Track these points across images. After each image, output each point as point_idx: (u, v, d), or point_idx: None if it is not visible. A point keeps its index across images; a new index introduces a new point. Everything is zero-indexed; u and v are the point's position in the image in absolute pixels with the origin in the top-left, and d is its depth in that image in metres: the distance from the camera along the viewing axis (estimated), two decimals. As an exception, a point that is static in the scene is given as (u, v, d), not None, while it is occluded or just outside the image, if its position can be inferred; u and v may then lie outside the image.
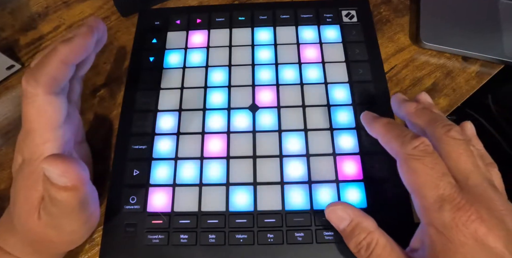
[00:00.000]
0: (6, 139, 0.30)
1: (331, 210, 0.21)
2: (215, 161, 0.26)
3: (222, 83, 0.29)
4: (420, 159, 0.19)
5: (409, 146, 0.19)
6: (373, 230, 0.19)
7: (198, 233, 0.24)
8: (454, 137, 0.19)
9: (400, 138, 0.20)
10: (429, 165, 0.18)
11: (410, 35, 0.33)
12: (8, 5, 0.37)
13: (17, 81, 0.33)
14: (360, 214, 0.20)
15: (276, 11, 0.32)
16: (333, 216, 0.21)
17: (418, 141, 0.19)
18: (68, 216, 0.20)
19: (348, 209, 0.20)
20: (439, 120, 0.21)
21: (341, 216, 0.20)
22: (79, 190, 0.19)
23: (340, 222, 0.20)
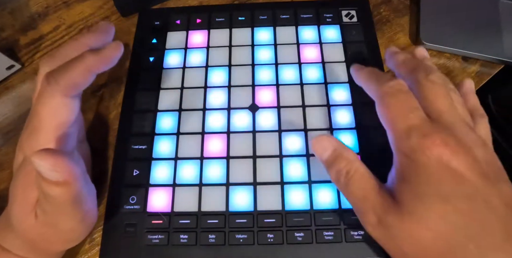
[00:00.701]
0: (6, 139, 0.30)
1: (316, 140, 0.21)
2: (215, 161, 0.26)
3: (222, 83, 0.29)
4: (394, 95, 0.20)
5: (386, 85, 0.21)
6: (353, 160, 0.20)
7: (198, 233, 0.24)
8: (432, 81, 0.20)
9: (379, 80, 0.21)
10: (401, 100, 0.20)
11: (410, 35, 0.33)
12: (8, 5, 0.37)
13: (17, 81, 0.33)
14: (344, 146, 0.21)
15: (276, 11, 0.32)
16: (317, 145, 0.21)
17: (394, 81, 0.21)
18: (62, 213, 0.20)
19: (333, 140, 0.21)
20: (422, 67, 0.22)
21: (325, 146, 0.21)
22: (71, 185, 0.18)
23: (323, 151, 0.21)
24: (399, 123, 0.19)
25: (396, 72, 0.24)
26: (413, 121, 0.19)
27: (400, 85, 0.20)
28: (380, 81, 0.21)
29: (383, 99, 0.21)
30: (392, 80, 0.21)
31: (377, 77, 0.22)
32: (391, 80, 0.21)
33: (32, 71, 0.33)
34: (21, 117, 0.31)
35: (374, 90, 0.22)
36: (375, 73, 0.23)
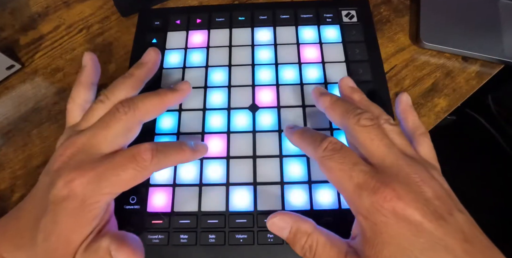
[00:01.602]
0: (6, 139, 0.30)
1: (271, 223, 0.21)
2: (215, 161, 0.26)
3: (222, 83, 0.29)
4: (331, 157, 0.20)
5: (319, 149, 0.21)
6: (311, 231, 0.20)
7: (198, 233, 0.24)
8: (363, 125, 0.21)
9: (312, 144, 0.22)
10: (339, 161, 0.20)
11: (410, 35, 0.33)
12: (8, 5, 0.37)
13: (17, 81, 0.33)
14: (298, 219, 0.21)
15: (276, 11, 0.32)
16: (274, 228, 0.21)
17: (325, 142, 0.21)
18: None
19: (286, 217, 0.21)
20: (350, 111, 0.22)
21: (281, 226, 0.21)
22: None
23: (282, 231, 0.21)
24: (346, 185, 0.19)
25: (327, 116, 0.24)
26: (357, 180, 0.19)
27: (332, 144, 0.20)
28: (313, 145, 0.21)
29: (323, 164, 0.21)
30: (324, 141, 0.21)
31: (310, 141, 0.22)
32: (323, 141, 0.21)
33: (32, 71, 0.33)
34: (21, 117, 0.31)
35: (313, 156, 0.22)
36: (307, 135, 0.23)
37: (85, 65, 0.25)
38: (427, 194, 0.18)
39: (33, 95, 0.32)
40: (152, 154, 0.21)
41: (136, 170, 0.20)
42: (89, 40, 0.34)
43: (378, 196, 0.18)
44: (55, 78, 0.33)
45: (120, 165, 0.20)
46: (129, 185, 0.21)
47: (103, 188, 0.20)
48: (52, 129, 0.30)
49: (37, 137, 0.30)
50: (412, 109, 0.25)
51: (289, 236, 0.20)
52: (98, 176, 0.20)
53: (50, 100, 0.32)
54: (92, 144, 0.21)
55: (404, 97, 0.25)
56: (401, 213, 0.17)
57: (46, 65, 0.33)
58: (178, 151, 0.22)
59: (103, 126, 0.22)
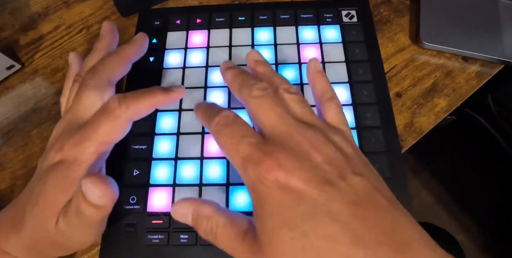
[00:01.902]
0: (6, 139, 0.30)
1: (173, 212, 0.20)
2: (215, 161, 0.26)
3: (222, 83, 0.29)
4: (221, 131, 0.20)
5: (212, 123, 0.20)
6: (211, 214, 0.19)
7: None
8: (255, 96, 0.20)
9: (207, 119, 0.21)
10: (227, 134, 0.19)
11: (410, 35, 0.33)
12: (8, 5, 0.37)
13: (17, 81, 0.33)
14: (199, 203, 0.20)
15: (276, 11, 0.32)
16: (177, 215, 0.20)
17: (218, 116, 0.20)
18: (85, 229, 0.21)
19: (186, 203, 0.20)
20: (244, 83, 0.21)
21: (183, 213, 0.20)
22: (107, 209, 0.20)
23: (185, 218, 0.20)
24: (234, 159, 0.19)
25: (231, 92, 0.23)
26: (243, 153, 0.18)
27: (224, 118, 0.20)
28: (208, 121, 0.21)
29: (215, 139, 0.20)
30: (217, 116, 0.20)
31: (206, 116, 0.22)
32: (216, 116, 0.20)
33: (32, 71, 0.33)
34: (21, 117, 0.31)
35: (209, 131, 0.21)
36: (204, 110, 0.22)
37: (71, 63, 0.27)
38: (316, 160, 0.17)
39: (33, 95, 0.32)
40: (119, 101, 0.21)
41: (109, 120, 0.21)
42: (89, 40, 0.34)
43: (261, 168, 0.17)
44: (55, 78, 0.33)
45: (95, 121, 0.21)
46: (110, 139, 0.22)
47: (87, 147, 0.21)
48: (52, 129, 0.30)
49: (37, 137, 0.30)
50: (321, 74, 0.23)
51: (192, 222, 0.20)
52: (81, 137, 0.21)
53: (50, 100, 0.32)
54: (76, 116, 0.23)
55: (311, 63, 0.24)
56: (283, 182, 0.17)
57: (46, 65, 0.33)
58: (148, 93, 0.23)
59: (78, 98, 0.23)
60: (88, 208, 0.19)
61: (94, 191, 0.19)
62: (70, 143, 0.21)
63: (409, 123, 0.29)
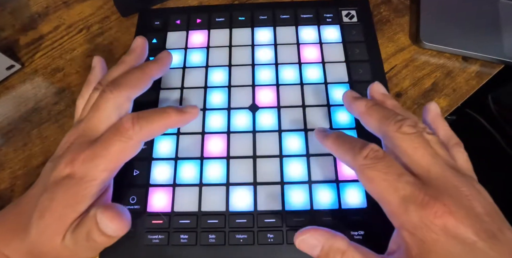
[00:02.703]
0: (6, 139, 0.30)
1: (300, 241, 0.20)
2: (215, 161, 0.26)
3: (222, 83, 0.29)
4: (373, 166, 0.19)
5: (359, 157, 0.19)
6: (345, 249, 0.19)
7: (198, 233, 0.24)
8: (406, 132, 0.19)
9: (350, 151, 0.20)
10: (382, 170, 0.18)
11: (410, 35, 0.33)
12: (8, 5, 0.37)
13: (17, 81, 0.33)
14: (330, 236, 0.19)
15: (276, 11, 0.32)
16: (303, 246, 0.20)
17: (366, 149, 0.19)
18: (91, 250, 0.21)
19: (317, 235, 0.19)
20: (390, 117, 0.21)
21: (312, 244, 0.19)
22: (116, 239, 0.20)
23: (312, 250, 0.19)
24: (390, 197, 0.18)
25: (363, 122, 0.23)
26: (403, 192, 0.17)
27: (374, 152, 0.19)
28: (352, 153, 0.20)
29: (363, 174, 0.19)
30: (365, 149, 0.19)
31: (348, 147, 0.21)
32: (363, 148, 0.19)
33: (32, 71, 0.33)
34: (21, 117, 0.31)
35: (350, 163, 0.21)
36: (343, 141, 0.21)
37: (94, 66, 0.27)
38: (477, 209, 0.17)
39: (33, 95, 0.32)
40: (133, 122, 0.21)
41: (121, 141, 0.21)
42: (89, 40, 0.34)
43: (428, 211, 0.17)
44: (55, 78, 0.33)
45: (108, 139, 0.21)
46: (121, 159, 0.21)
47: (98, 164, 0.20)
48: (52, 129, 0.30)
49: (37, 137, 0.30)
50: (441, 118, 0.23)
51: (321, 254, 0.19)
52: (92, 154, 0.21)
53: (50, 100, 0.32)
54: (89, 127, 0.22)
55: (432, 106, 0.23)
56: (453, 230, 0.16)
57: (46, 65, 0.33)
58: (162, 114, 0.22)
59: (95, 109, 0.23)
60: (99, 236, 0.19)
61: (109, 225, 0.19)
62: (81, 158, 0.21)
63: (409, 123, 0.29)
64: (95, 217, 0.19)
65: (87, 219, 0.20)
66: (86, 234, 0.19)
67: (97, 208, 0.19)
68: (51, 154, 0.29)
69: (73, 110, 0.31)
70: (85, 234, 0.19)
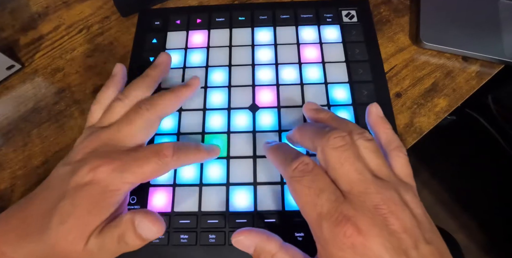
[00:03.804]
0: (6, 139, 0.30)
1: (235, 241, 0.20)
2: (215, 161, 0.26)
3: (222, 83, 0.29)
4: (299, 180, 0.19)
5: (289, 169, 0.20)
6: (275, 251, 0.19)
7: (198, 233, 0.24)
8: (333, 146, 0.19)
9: (283, 162, 0.21)
10: (306, 185, 0.19)
11: (410, 35, 0.33)
12: (8, 5, 0.37)
13: (17, 81, 0.33)
14: (263, 238, 0.20)
15: (276, 11, 0.32)
16: (239, 245, 0.21)
17: (297, 162, 0.20)
18: (113, 254, 0.21)
19: (251, 236, 0.20)
20: (318, 131, 0.21)
21: (246, 245, 0.20)
22: (148, 241, 0.21)
23: (247, 249, 0.20)
24: (310, 212, 0.19)
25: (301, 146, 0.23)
26: (321, 209, 0.18)
27: (303, 165, 0.20)
28: (285, 164, 0.20)
29: (290, 185, 0.20)
30: (295, 161, 0.20)
31: (282, 158, 0.21)
32: (294, 160, 0.20)
33: (32, 71, 0.33)
34: (21, 117, 0.31)
35: (283, 174, 0.21)
36: (280, 151, 0.22)
37: (115, 74, 0.27)
38: (393, 227, 0.17)
39: (33, 95, 0.32)
40: (174, 151, 0.22)
41: (157, 164, 0.22)
42: (89, 40, 0.34)
43: (339, 229, 0.17)
44: (55, 78, 0.33)
45: (144, 158, 0.22)
46: (149, 177, 0.22)
47: (125, 177, 0.21)
48: (52, 129, 0.30)
49: (37, 137, 0.30)
50: (383, 120, 0.23)
51: (254, 255, 0.20)
52: (122, 166, 0.21)
53: (50, 100, 0.32)
54: (117, 138, 0.23)
55: (373, 108, 0.24)
56: (361, 250, 0.17)
57: (46, 65, 0.33)
58: (196, 150, 0.24)
59: (127, 122, 0.24)
60: (134, 240, 0.20)
61: (152, 229, 0.20)
62: (109, 167, 0.21)
63: (409, 123, 0.29)
64: (132, 221, 0.20)
65: (121, 223, 0.20)
66: (117, 237, 0.20)
67: (135, 213, 0.20)
68: (51, 154, 0.29)
69: (73, 110, 0.31)
70: (116, 238, 0.20)
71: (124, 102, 0.25)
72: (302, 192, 0.19)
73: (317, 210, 0.18)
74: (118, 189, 0.21)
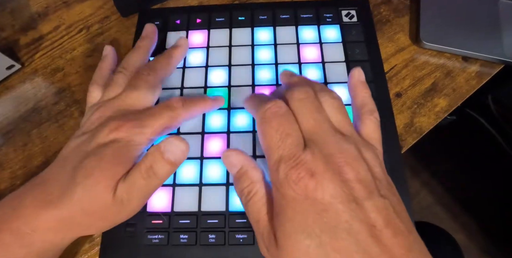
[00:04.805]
0: (6, 139, 0.30)
1: (225, 156, 0.22)
2: (215, 161, 0.26)
3: (222, 83, 0.29)
4: (269, 121, 0.20)
5: (262, 109, 0.20)
6: (256, 180, 0.20)
7: (198, 233, 0.24)
8: (297, 98, 0.20)
9: (258, 104, 0.21)
10: (274, 127, 0.19)
11: (410, 35, 0.33)
12: (8, 5, 0.37)
13: (17, 81, 0.33)
14: (251, 164, 0.21)
15: (276, 11, 0.32)
16: (226, 161, 0.22)
17: (270, 103, 0.20)
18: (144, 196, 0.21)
19: (240, 157, 0.21)
20: (290, 86, 0.22)
21: (233, 163, 0.21)
22: (177, 167, 0.22)
23: (231, 167, 0.22)
24: (272, 154, 0.19)
25: None
26: (282, 152, 0.18)
27: (276, 107, 0.20)
28: (258, 106, 0.21)
29: (259, 126, 0.20)
30: (269, 103, 0.20)
31: (257, 102, 0.22)
32: (269, 102, 0.20)
33: (32, 71, 0.33)
34: (21, 117, 0.31)
35: (254, 116, 0.22)
36: (257, 97, 0.23)
37: (106, 55, 0.29)
38: (347, 176, 0.17)
39: (33, 95, 0.32)
40: (182, 102, 0.24)
41: (170, 116, 0.24)
42: (89, 40, 0.34)
43: (293, 171, 0.18)
44: (55, 78, 0.33)
45: (158, 112, 0.24)
46: (165, 131, 0.24)
47: (145, 132, 0.22)
48: (52, 129, 0.30)
49: (37, 137, 0.30)
50: (363, 85, 0.24)
51: (236, 175, 0.21)
52: (140, 123, 0.23)
53: (50, 100, 0.32)
54: (127, 103, 0.24)
55: (356, 72, 0.24)
56: (311, 191, 0.17)
57: (46, 65, 0.33)
58: (202, 100, 0.26)
59: (133, 88, 0.25)
60: (164, 165, 0.21)
61: (180, 145, 0.21)
62: (128, 125, 0.22)
63: (409, 123, 0.29)
64: (159, 149, 0.21)
65: (147, 156, 0.21)
66: (146, 170, 0.21)
67: (161, 142, 0.21)
68: (51, 154, 0.29)
69: (73, 110, 0.31)
70: (144, 171, 0.21)
71: (125, 73, 0.26)
72: (270, 134, 0.19)
73: (279, 152, 0.19)
74: (140, 143, 0.22)
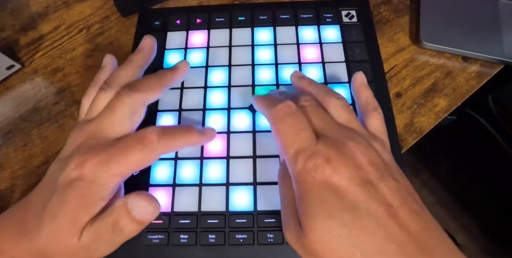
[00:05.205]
0: (6, 139, 0.30)
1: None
2: (215, 161, 0.26)
3: (222, 83, 0.29)
4: (282, 120, 0.21)
5: (274, 110, 0.21)
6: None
7: (198, 233, 0.24)
8: (303, 105, 0.22)
9: (269, 105, 0.22)
10: (287, 125, 0.21)
11: (410, 35, 0.33)
12: (8, 5, 0.37)
13: (17, 81, 0.33)
14: None
15: (276, 11, 0.32)
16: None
17: (281, 104, 0.21)
18: (110, 245, 0.21)
19: None
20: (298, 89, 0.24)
21: None
22: (145, 225, 0.21)
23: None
24: (289, 149, 0.20)
25: None
26: (299, 145, 0.20)
27: (287, 107, 0.21)
28: (270, 107, 0.22)
29: (273, 126, 0.21)
30: (280, 104, 0.21)
31: (268, 102, 0.23)
32: (279, 103, 0.21)
33: (32, 71, 0.33)
34: (21, 117, 0.31)
35: (267, 117, 0.23)
36: (267, 98, 0.24)
37: (105, 65, 0.26)
38: (359, 160, 0.19)
39: (33, 95, 0.32)
40: (159, 136, 0.21)
41: (143, 151, 0.21)
42: (89, 40, 0.34)
43: (310, 161, 0.19)
44: (55, 78, 0.33)
45: (129, 146, 0.21)
46: (138, 167, 0.21)
47: (112, 169, 0.20)
48: (52, 129, 0.30)
49: (37, 137, 0.30)
50: (366, 87, 0.25)
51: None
52: (107, 158, 0.20)
53: (50, 100, 0.32)
54: (101, 129, 0.22)
55: (358, 75, 0.26)
56: (328, 177, 0.18)
57: (46, 65, 0.33)
58: (185, 133, 0.22)
59: (109, 111, 0.22)
60: (130, 224, 0.20)
61: (147, 208, 0.20)
62: (94, 161, 0.20)
63: (409, 123, 0.29)
64: (125, 206, 0.20)
65: (114, 211, 0.20)
66: (112, 225, 0.20)
67: (127, 196, 0.20)
68: (51, 154, 0.29)
69: (73, 110, 0.31)
70: (110, 226, 0.20)
71: (107, 91, 0.23)
72: (284, 131, 0.21)
73: (295, 147, 0.20)
74: (105, 182, 0.20)
